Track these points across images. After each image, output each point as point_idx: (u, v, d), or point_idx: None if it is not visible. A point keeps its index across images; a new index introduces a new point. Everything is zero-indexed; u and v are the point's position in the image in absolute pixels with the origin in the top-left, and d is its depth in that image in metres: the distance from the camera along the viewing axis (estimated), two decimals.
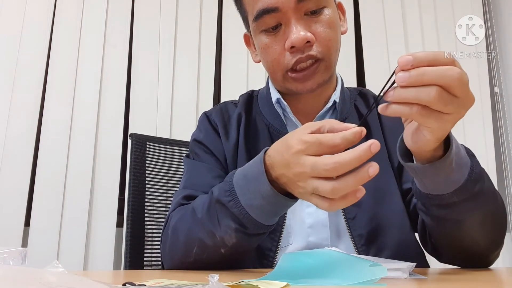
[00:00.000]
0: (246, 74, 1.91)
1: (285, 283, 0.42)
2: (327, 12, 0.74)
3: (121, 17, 1.85)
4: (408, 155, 0.60)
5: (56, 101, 1.71)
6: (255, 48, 0.84)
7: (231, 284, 0.42)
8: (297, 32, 0.71)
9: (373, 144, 0.47)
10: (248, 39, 0.86)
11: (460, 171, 0.57)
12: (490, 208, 0.63)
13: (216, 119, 0.85)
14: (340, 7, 0.82)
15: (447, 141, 0.56)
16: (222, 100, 1.88)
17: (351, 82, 1.98)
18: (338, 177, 0.49)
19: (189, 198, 0.73)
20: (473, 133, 2.03)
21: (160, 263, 0.83)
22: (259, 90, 0.92)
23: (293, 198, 0.57)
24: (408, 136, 0.56)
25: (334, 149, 0.50)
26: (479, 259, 0.68)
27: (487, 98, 2.09)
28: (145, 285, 0.40)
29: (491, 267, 0.70)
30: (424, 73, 0.46)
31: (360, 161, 0.47)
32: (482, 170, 0.60)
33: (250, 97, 0.90)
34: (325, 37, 0.73)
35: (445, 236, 0.66)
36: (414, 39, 2.09)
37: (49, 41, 1.75)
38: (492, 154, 2.02)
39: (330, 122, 0.52)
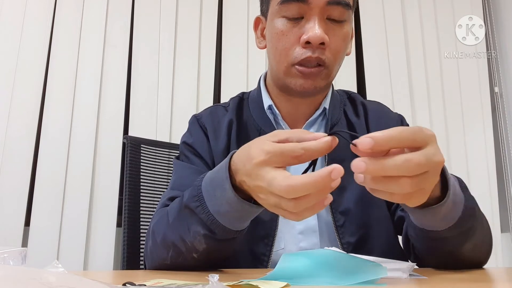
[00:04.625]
0: (246, 74, 1.91)
1: (285, 283, 0.42)
2: (346, 27, 0.76)
3: (121, 17, 1.85)
4: None
5: (56, 101, 1.71)
6: (261, 34, 0.84)
7: (231, 284, 0.42)
8: (317, 30, 0.71)
9: (335, 170, 0.44)
10: (258, 23, 0.85)
11: (455, 209, 0.57)
12: (480, 237, 0.64)
13: (205, 123, 0.85)
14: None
15: (442, 176, 0.54)
16: (222, 101, 1.90)
17: (351, 83, 1.98)
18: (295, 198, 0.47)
19: (174, 199, 0.73)
20: (473, 133, 2.04)
21: None
22: (250, 92, 0.91)
23: (259, 204, 0.55)
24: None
25: (297, 160, 0.48)
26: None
27: (487, 98, 2.09)
28: (145, 285, 0.40)
29: (490, 267, 0.71)
30: (383, 168, 0.43)
31: (316, 187, 0.45)
32: (474, 203, 0.61)
33: (241, 101, 0.90)
34: (336, 48, 0.74)
35: (434, 258, 0.67)
36: (414, 39, 2.09)
37: (49, 41, 1.75)
38: (492, 154, 2.02)
39: (299, 133, 0.51)
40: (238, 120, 0.85)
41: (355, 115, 0.88)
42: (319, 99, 0.84)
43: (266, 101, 0.84)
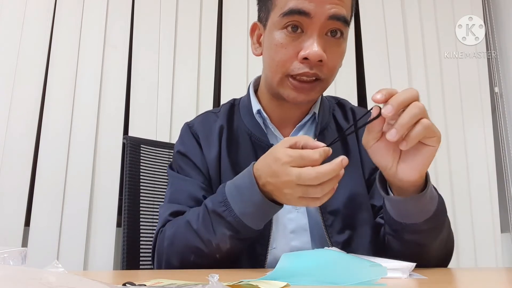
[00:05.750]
0: (246, 74, 1.91)
1: (285, 283, 0.42)
2: (343, 44, 0.77)
3: (121, 17, 1.85)
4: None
5: (56, 101, 1.71)
6: (258, 40, 0.85)
7: (231, 284, 0.42)
8: (316, 47, 0.72)
9: (344, 159, 0.59)
10: (255, 29, 0.86)
11: (432, 202, 0.65)
12: (445, 234, 0.72)
13: (198, 131, 0.87)
14: None
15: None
16: (222, 101, 1.90)
17: (351, 83, 1.99)
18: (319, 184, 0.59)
19: (176, 214, 0.77)
20: (473, 133, 2.04)
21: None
22: (241, 98, 0.94)
23: (278, 204, 0.65)
24: (404, 170, 0.62)
25: (313, 163, 0.59)
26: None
27: (487, 98, 2.08)
28: (145, 285, 0.40)
29: (491, 267, 0.71)
30: (399, 98, 0.59)
31: (335, 172, 0.59)
32: (443, 201, 0.70)
33: (232, 107, 0.92)
34: (333, 64, 0.76)
35: (407, 257, 0.69)
36: (414, 39, 2.08)
37: (49, 41, 1.75)
38: (492, 154, 2.02)
39: (305, 139, 0.62)
40: (229, 125, 0.87)
41: (344, 119, 0.90)
42: (309, 104, 0.86)
43: (255, 105, 0.86)
